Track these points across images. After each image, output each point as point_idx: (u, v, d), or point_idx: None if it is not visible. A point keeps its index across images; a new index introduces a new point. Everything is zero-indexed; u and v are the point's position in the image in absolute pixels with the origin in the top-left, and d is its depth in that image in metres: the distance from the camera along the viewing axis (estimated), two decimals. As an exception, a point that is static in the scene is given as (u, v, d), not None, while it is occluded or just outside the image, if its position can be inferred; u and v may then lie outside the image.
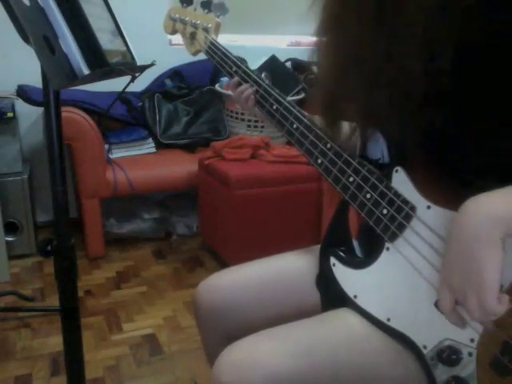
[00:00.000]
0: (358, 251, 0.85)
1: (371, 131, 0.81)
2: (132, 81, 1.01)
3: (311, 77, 2.71)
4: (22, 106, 2.39)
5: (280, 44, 3.13)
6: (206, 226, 2.47)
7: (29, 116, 2.61)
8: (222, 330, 0.93)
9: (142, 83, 2.78)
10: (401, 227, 0.71)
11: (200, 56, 1.14)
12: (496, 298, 0.56)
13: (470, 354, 0.65)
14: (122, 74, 0.97)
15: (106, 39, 0.93)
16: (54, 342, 1.75)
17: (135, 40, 1.08)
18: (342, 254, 0.83)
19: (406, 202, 0.70)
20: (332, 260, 0.83)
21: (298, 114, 0.87)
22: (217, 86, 2.70)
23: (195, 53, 1.10)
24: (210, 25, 1.04)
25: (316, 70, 0.83)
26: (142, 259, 2.47)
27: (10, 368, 1.64)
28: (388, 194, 0.72)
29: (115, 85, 1.21)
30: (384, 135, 0.79)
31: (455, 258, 0.59)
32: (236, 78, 1.00)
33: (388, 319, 0.74)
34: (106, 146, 2.45)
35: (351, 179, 0.76)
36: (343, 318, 0.79)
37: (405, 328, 0.72)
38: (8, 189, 2.32)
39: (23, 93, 2.28)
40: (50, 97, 0.92)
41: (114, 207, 2.63)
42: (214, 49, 1.04)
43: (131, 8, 2.44)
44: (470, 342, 0.65)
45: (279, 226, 2.22)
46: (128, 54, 1.05)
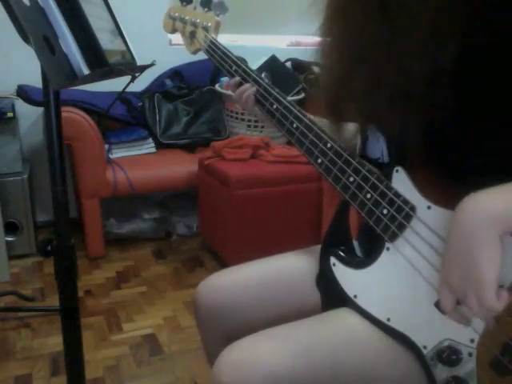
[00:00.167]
0: (358, 251, 0.85)
1: (371, 131, 0.81)
2: (132, 81, 1.01)
3: (311, 77, 2.71)
4: (22, 106, 2.39)
5: (280, 44, 3.13)
6: (206, 226, 2.47)
7: (29, 116, 2.61)
8: (222, 329, 0.93)
9: (141, 83, 2.78)
10: (401, 227, 0.71)
11: (200, 56, 1.14)
12: (494, 295, 0.56)
13: (470, 355, 0.65)
14: (122, 74, 0.97)
15: (105, 39, 0.93)
16: (54, 342, 1.75)
17: (135, 40, 1.08)
18: (342, 254, 0.83)
19: (406, 202, 0.70)
20: (332, 260, 0.83)
21: (298, 114, 0.87)
22: (217, 86, 2.70)
23: (195, 52, 1.10)
24: (209, 24, 1.04)
25: (318, 70, 0.82)
26: (142, 259, 2.47)
27: (10, 368, 1.63)
28: (388, 194, 0.72)
29: (115, 85, 1.21)
30: (384, 135, 0.79)
31: (454, 257, 0.59)
32: (237, 77, 1.00)
33: (388, 319, 0.74)
34: (106, 146, 2.45)
35: (351, 179, 0.76)
36: (343, 317, 0.79)
37: (405, 328, 0.72)
38: (8, 189, 2.32)
39: (23, 93, 2.28)
40: (50, 97, 0.92)
41: (113, 207, 2.63)
42: (213, 48, 1.03)
43: (131, 8, 2.44)
44: (470, 342, 0.65)
45: (279, 226, 2.22)
46: (128, 54, 1.05)
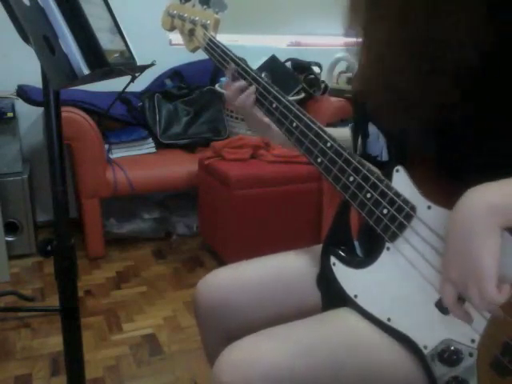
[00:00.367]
0: (358, 251, 0.85)
1: (372, 129, 0.81)
2: (132, 81, 1.00)
3: (311, 77, 2.71)
4: (22, 106, 2.39)
5: (280, 44, 3.13)
6: (206, 225, 2.46)
7: (29, 116, 2.61)
8: (222, 329, 0.92)
9: (142, 83, 2.78)
10: (401, 227, 0.71)
11: (200, 56, 1.13)
12: (495, 286, 0.56)
13: (470, 355, 0.65)
14: (122, 74, 0.97)
15: (105, 39, 0.93)
16: (54, 342, 1.75)
17: (135, 40, 1.08)
18: (342, 254, 0.83)
19: (406, 201, 0.70)
20: (332, 259, 0.83)
21: (298, 113, 0.86)
22: (217, 86, 2.70)
23: (194, 50, 1.09)
24: (208, 21, 1.03)
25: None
26: (142, 259, 2.47)
27: (10, 368, 1.63)
28: (388, 194, 0.71)
29: (115, 85, 1.21)
30: (384, 134, 0.79)
31: (454, 250, 0.59)
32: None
33: (388, 319, 0.74)
34: (106, 146, 2.45)
35: (351, 178, 0.76)
36: (343, 317, 0.78)
37: (405, 328, 0.72)
38: (8, 189, 2.32)
39: (23, 93, 2.28)
40: (50, 97, 0.92)
41: (114, 207, 2.63)
42: (212, 46, 1.03)
43: (131, 8, 2.44)
44: (471, 342, 0.65)
45: (279, 226, 2.22)
46: (128, 54, 1.04)
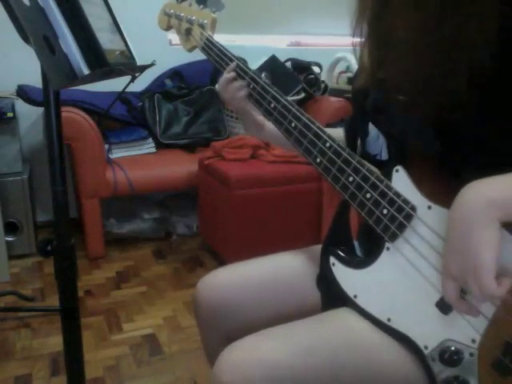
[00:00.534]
0: (358, 251, 0.85)
1: (372, 128, 0.81)
2: (132, 81, 1.00)
3: (311, 77, 2.71)
4: (22, 106, 2.39)
5: (280, 44, 3.13)
6: (206, 225, 2.46)
7: (29, 116, 2.61)
8: (222, 329, 0.92)
9: (142, 83, 2.79)
10: (401, 227, 0.70)
11: (200, 56, 1.13)
12: (493, 279, 0.56)
13: (471, 355, 0.65)
14: (122, 73, 0.97)
15: (105, 39, 0.93)
16: (54, 342, 1.75)
17: (135, 40, 1.08)
18: (341, 254, 0.83)
19: (406, 201, 0.70)
20: (332, 260, 0.83)
21: (297, 113, 0.85)
22: (217, 86, 2.70)
23: (191, 49, 1.09)
24: (205, 21, 1.02)
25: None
26: (142, 259, 2.47)
27: (10, 368, 1.63)
28: (388, 194, 0.71)
29: (115, 85, 1.21)
30: (384, 134, 0.79)
31: (454, 246, 0.60)
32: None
33: (388, 319, 0.74)
34: (106, 146, 2.45)
35: (351, 179, 0.76)
36: (343, 317, 0.78)
37: (405, 328, 0.72)
38: (8, 189, 2.32)
39: (23, 93, 2.28)
40: (50, 97, 0.92)
41: (113, 207, 2.63)
42: (210, 45, 1.02)
43: (131, 8, 2.45)
44: (472, 342, 0.65)
45: (279, 226, 2.22)
46: (128, 54, 1.04)
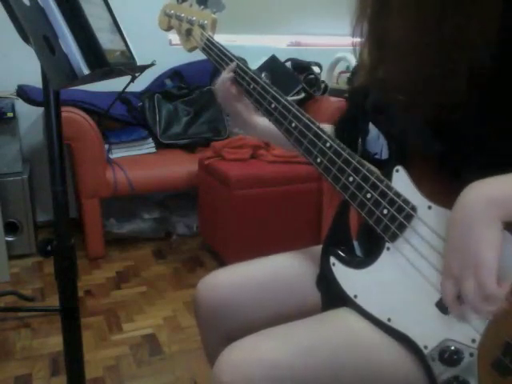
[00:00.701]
0: (358, 251, 0.85)
1: (372, 128, 0.81)
2: (132, 81, 1.00)
3: (311, 77, 2.71)
4: (22, 106, 2.39)
5: (280, 44, 3.13)
6: (206, 226, 2.46)
7: (29, 116, 2.61)
8: (222, 329, 0.92)
9: (142, 83, 2.79)
10: (401, 227, 0.70)
11: (200, 56, 1.13)
12: (494, 278, 0.56)
13: (471, 355, 0.65)
14: (122, 73, 0.97)
15: (105, 39, 0.93)
16: (54, 342, 1.75)
17: (135, 40, 1.08)
18: (341, 254, 0.83)
19: (406, 201, 0.70)
20: (332, 260, 0.83)
21: (297, 113, 0.86)
22: (214, 85, 2.70)
23: (191, 49, 1.09)
24: (206, 21, 1.03)
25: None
26: (142, 259, 2.47)
27: (10, 368, 1.63)
28: (388, 194, 0.71)
29: (115, 85, 1.21)
30: (385, 134, 0.79)
31: (455, 245, 0.60)
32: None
33: (388, 319, 0.74)
34: (106, 146, 2.45)
35: (351, 179, 0.76)
36: (343, 317, 0.78)
37: (405, 328, 0.72)
38: (8, 189, 2.32)
39: (23, 93, 2.28)
40: (50, 97, 0.92)
41: (113, 207, 2.63)
42: (210, 46, 1.02)
43: (131, 8, 2.45)
44: (472, 342, 0.65)
45: (279, 226, 2.22)
46: (128, 54, 1.04)
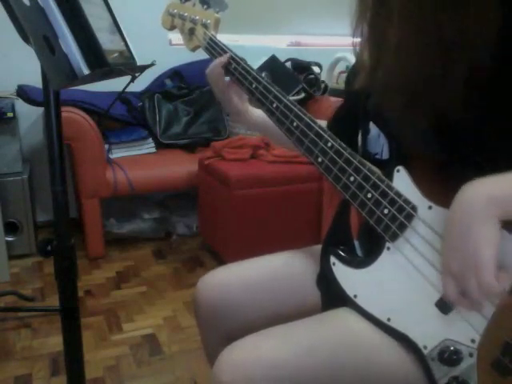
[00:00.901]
0: (358, 251, 0.85)
1: (372, 127, 0.81)
2: (132, 81, 1.00)
3: (311, 77, 2.71)
4: (22, 106, 2.39)
5: (280, 44, 3.13)
6: (206, 225, 2.46)
7: (29, 116, 2.61)
8: (222, 329, 0.92)
9: (142, 83, 2.79)
10: (402, 227, 0.70)
11: (200, 56, 1.13)
12: (493, 275, 0.56)
13: (470, 355, 0.65)
14: (122, 74, 0.97)
15: (105, 39, 0.93)
16: (54, 342, 1.75)
17: (135, 40, 1.08)
18: (342, 254, 0.83)
19: (407, 201, 0.70)
20: (332, 259, 0.83)
21: (299, 112, 0.86)
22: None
23: (194, 49, 1.09)
24: (209, 21, 1.03)
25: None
26: (142, 259, 2.47)
27: (10, 368, 1.63)
28: (389, 194, 0.71)
29: (115, 85, 1.21)
30: (385, 134, 0.79)
31: (454, 243, 0.60)
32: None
33: (388, 319, 0.74)
34: (106, 146, 2.45)
35: (352, 178, 0.76)
36: (343, 317, 0.78)
37: (405, 328, 0.72)
38: (8, 189, 2.32)
39: (23, 93, 2.28)
40: (50, 97, 0.92)
41: (114, 207, 2.63)
42: (213, 45, 1.03)
43: (131, 8, 2.45)
44: (471, 342, 0.65)
45: (279, 226, 2.22)
46: (128, 54, 1.04)
